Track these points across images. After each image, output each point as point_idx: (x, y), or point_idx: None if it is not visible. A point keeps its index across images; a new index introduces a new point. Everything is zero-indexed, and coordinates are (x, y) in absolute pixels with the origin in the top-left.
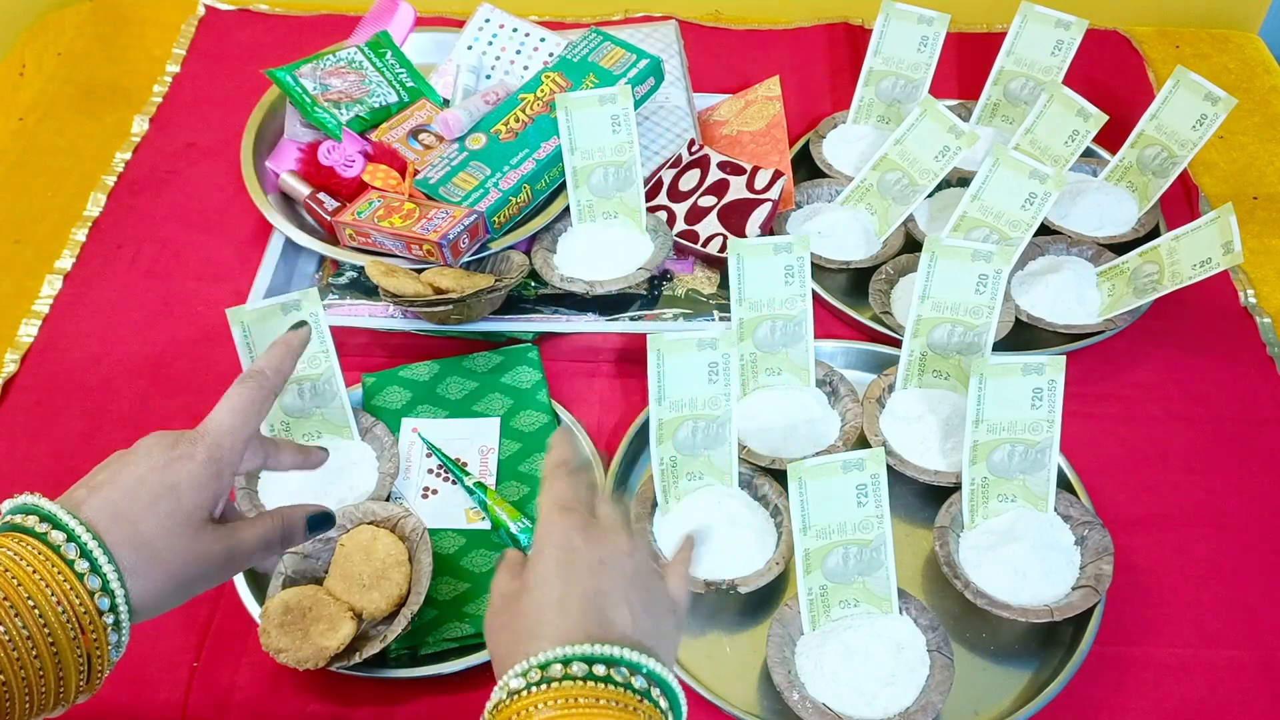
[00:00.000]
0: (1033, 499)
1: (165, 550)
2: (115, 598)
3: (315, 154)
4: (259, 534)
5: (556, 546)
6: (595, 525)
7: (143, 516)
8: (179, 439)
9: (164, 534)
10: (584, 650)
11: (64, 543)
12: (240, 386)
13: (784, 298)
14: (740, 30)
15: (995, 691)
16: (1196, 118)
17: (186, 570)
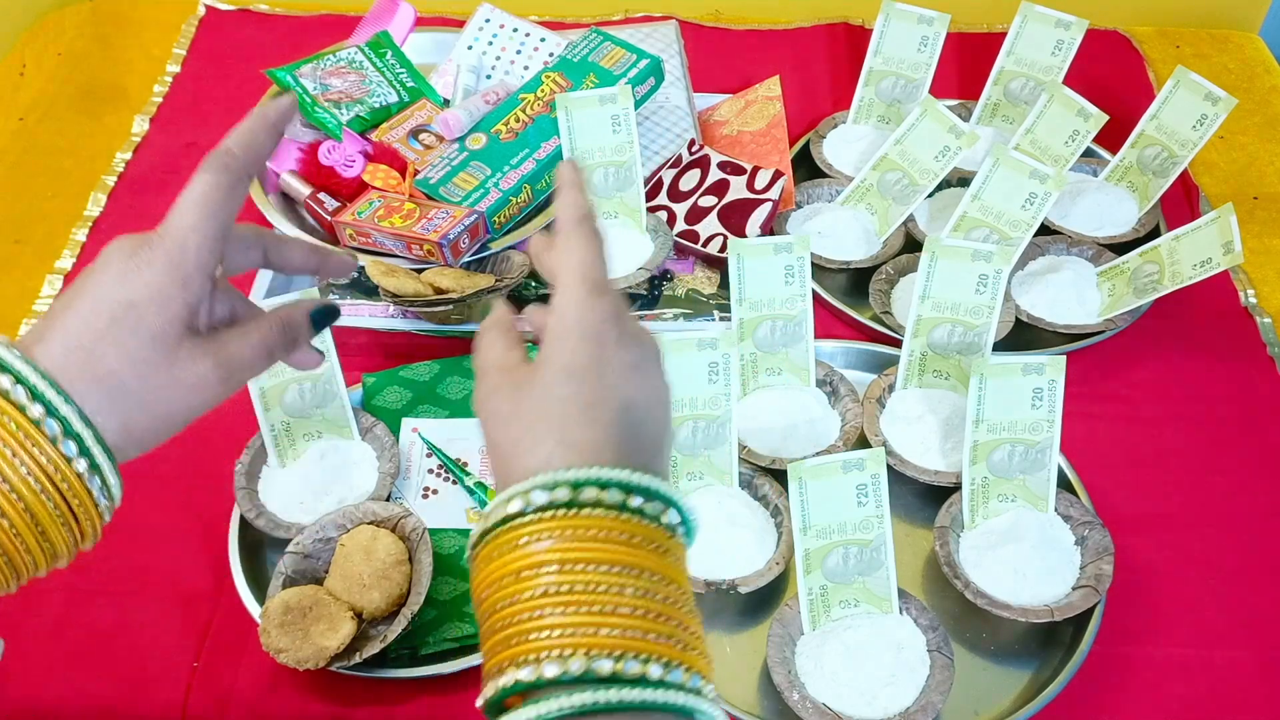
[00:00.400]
0: (1033, 499)
1: (135, 380)
2: (83, 440)
3: (315, 154)
4: (255, 341)
5: (586, 336)
6: (627, 318)
7: (100, 344)
8: (138, 244)
9: (130, 362)
10: (619, 476)
11: (11, 386)
12: (204, 173)
13: (784, 298)
14: (740, 30)
15: (995, 691)
16: (1197, 118)
17: (169, 397)
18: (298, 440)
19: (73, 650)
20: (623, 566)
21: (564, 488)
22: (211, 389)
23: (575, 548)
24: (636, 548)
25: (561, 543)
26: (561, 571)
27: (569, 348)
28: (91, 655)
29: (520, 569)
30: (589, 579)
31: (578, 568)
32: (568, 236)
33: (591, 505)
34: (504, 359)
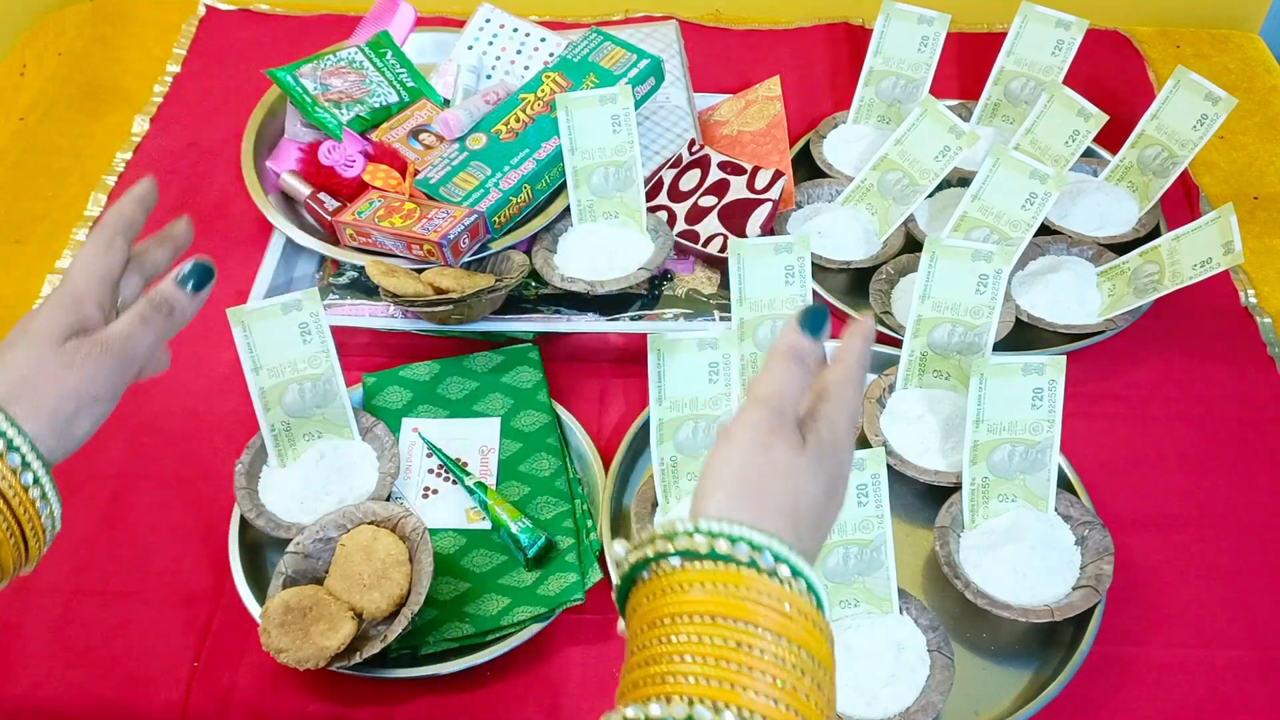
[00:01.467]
0: (1033, 499)
1: (38, 375)
2: (25, 455)
3: (316, 154)
4: (129, 314)
5: (851, 430)
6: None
7: (12, 361)
8: (48, 299)
9: (31, 363)
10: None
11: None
12: (87, 243)
13: (784, 298)
14: (741, 30)
15: (995, 691)
16: (1197, 118)
17: (67, 378)
18: (298, 440)
19: (73, 650)
20: (799, 645)
21: (793, 554)
22: (99, 362)
23: (735, 604)
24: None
25: (727, 595)
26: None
27: (843, 438)
28: (91, 655)
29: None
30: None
31: (739, 624)
32: (846, 354)
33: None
34: (781, 404)
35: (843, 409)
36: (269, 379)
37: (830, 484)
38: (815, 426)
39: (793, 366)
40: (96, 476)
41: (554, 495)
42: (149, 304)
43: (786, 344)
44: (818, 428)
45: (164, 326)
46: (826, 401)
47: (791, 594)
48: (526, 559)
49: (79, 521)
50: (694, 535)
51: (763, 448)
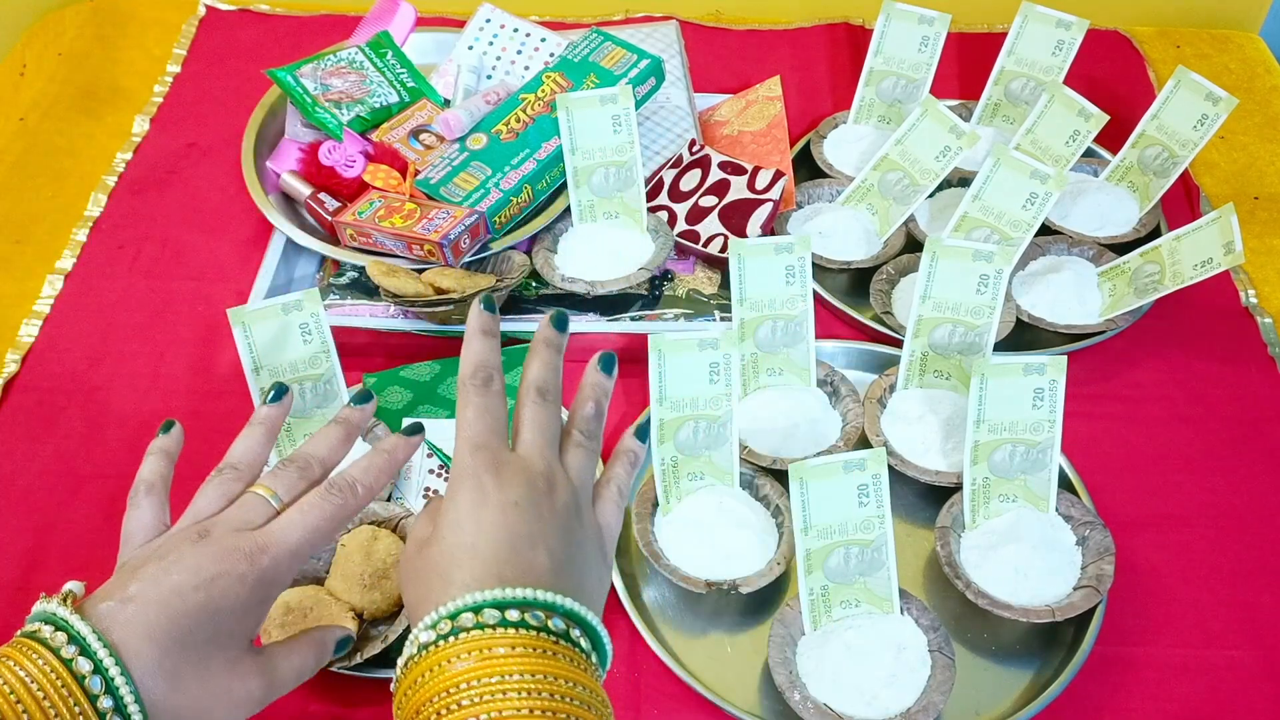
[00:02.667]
0: (1034, 499)
1: (195, 684)
2: None
3: (316, 154)
4: (296, 665)
5: (467, 490)
6: (510, 463)
7: (176, 642)
8: (231, 550)
9: (198, 665)
10: (494, 595)
11: (89, 673)
12: (320, 498)
13: (785, 298)
14: (741, 30)
15: (997, 692)
16: (1197, 118)
17: (215, 706)
18: (298, 441)
19: None
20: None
21: (444, 621)
22: (253, 705)
23: (466, 671)
24: (519, 658)
25: (459, 667)
26: (457, 693)
27: (455, 501)
28: None
29: (446, 686)
30: (484, 691)
31: (474, 683)
32: (460, 407)
33: (469, 630)
34: (421, 534)
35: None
36: (269, 379)
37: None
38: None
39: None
40: (96, 476)
41: None
42: (315, 661)
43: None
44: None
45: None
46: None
47: (528, 636)
48: None
49: (79, 521)
50: (437, 625)
51: (480, 502)
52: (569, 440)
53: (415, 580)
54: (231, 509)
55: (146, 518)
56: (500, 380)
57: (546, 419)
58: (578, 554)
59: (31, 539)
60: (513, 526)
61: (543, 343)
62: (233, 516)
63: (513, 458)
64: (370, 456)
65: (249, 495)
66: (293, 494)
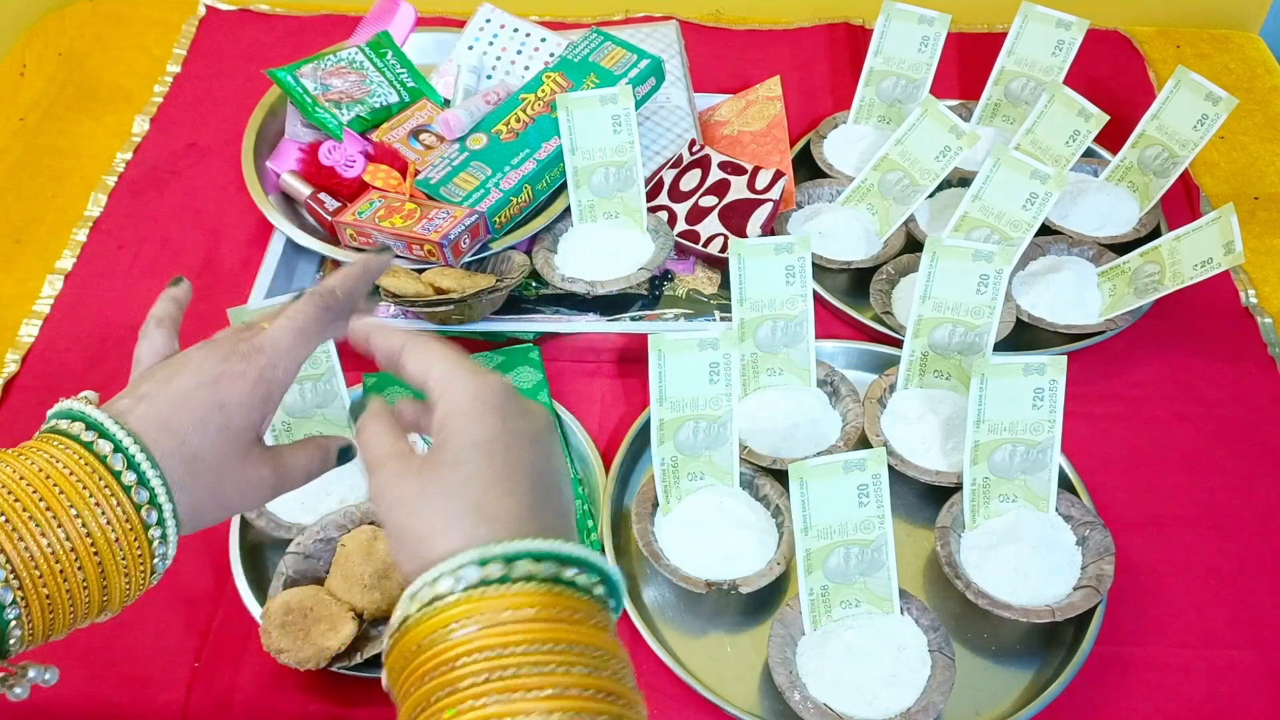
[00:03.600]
0: (1034, 499)
1: (212, 468)
2: (163, 511)
3: (316, 154)
4: (302, 461)
5: (487, 411)
6: (515, 390)
7: (191, 431)
8: (230, 353)
9: (212, 452)
10: (553, 547)
11: (110, 453)
12: (305, 303)
13: (785, 298)
14: (741, 30)
15: (996, 692)
16: (1197, 118)
17: (232, 490)
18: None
19: (73, 650)
20: (567, 645)
21: (497, 562)
22: (264, 492)
23: (513, 629)
24: (577, 624)
25: (495, 624)
26: (502, 655)
27: (471, 424)
28: (91, 655)
29: (456, 657)
30: (533, 660)
31: (519, 650)
32: (415, 343)
33: (525, 579)
34: (396, 447)
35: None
36: None
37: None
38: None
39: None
40: None
41: None
42: (320, 462)
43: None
44: (439, 438)
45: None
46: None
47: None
48: None
49: None
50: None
51: (400, 503)
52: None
53: (426, 499)
54: (238, 329)
55: (157, 345)
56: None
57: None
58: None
59: None
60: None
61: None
62: (232, 330)
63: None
64: (346, 266)
65: (254, 324)
66: None
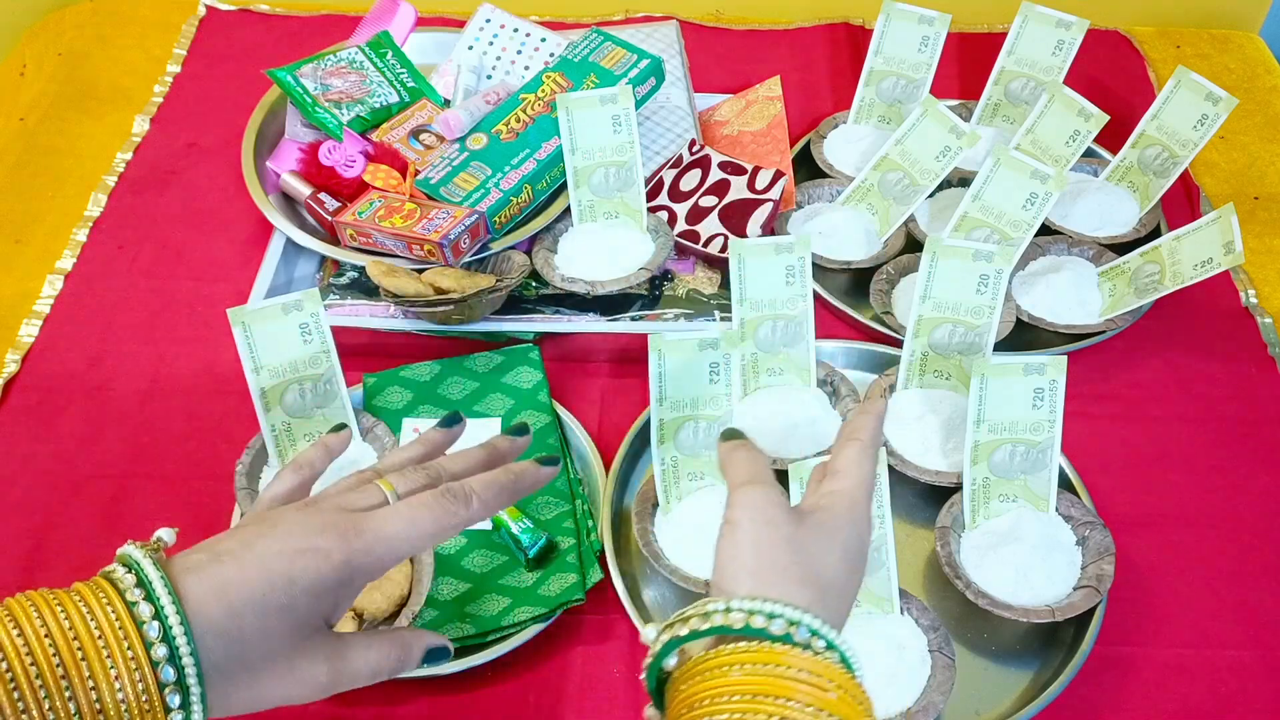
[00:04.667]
0: (1034, 499)
1: (257, 651)
2: (189, 694)
3: (316, 154)
4: (372, 660)
5: (859, 520)
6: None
7: (248, 605)
8: (327, 526)
9: (264, 634)
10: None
11: (149, 619)
12: (434, 498)
13: (785, 298)
14: (741, 30)
15: (997, 692)
16: (1197, 118)
17: (275, 683)
18: (299, 441)
19: None
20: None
21: (824, 631)
22: (317, 689)
23: (775, 682)
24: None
25: (766, 674)
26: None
27: (851, 516)
28: None
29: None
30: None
31: (780, 702)
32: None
33: (824, 651)
34: (763, 474)
35: (859, 483)
36: (269, 379)
37: (847, 555)
38: (823, 501)
39: (750, 451)
40: (96, 476)
41: (555, 495)
42: (396, 663)
43: (728, 448)
44: (827, 503)
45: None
46: (838, 477)
47: (828, 666)
48: (527, 559)
49: (79, 522)
50: (730, 612)
51: (770, 524)
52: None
53: (783, 551)
54: (349, 492)
55: (280, 488)
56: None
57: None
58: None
59: (31, 539)
60: (858, 575)
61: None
62: (344, 497)
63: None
64: (496, 473)
65: (369, 485)
66: (411, 492)
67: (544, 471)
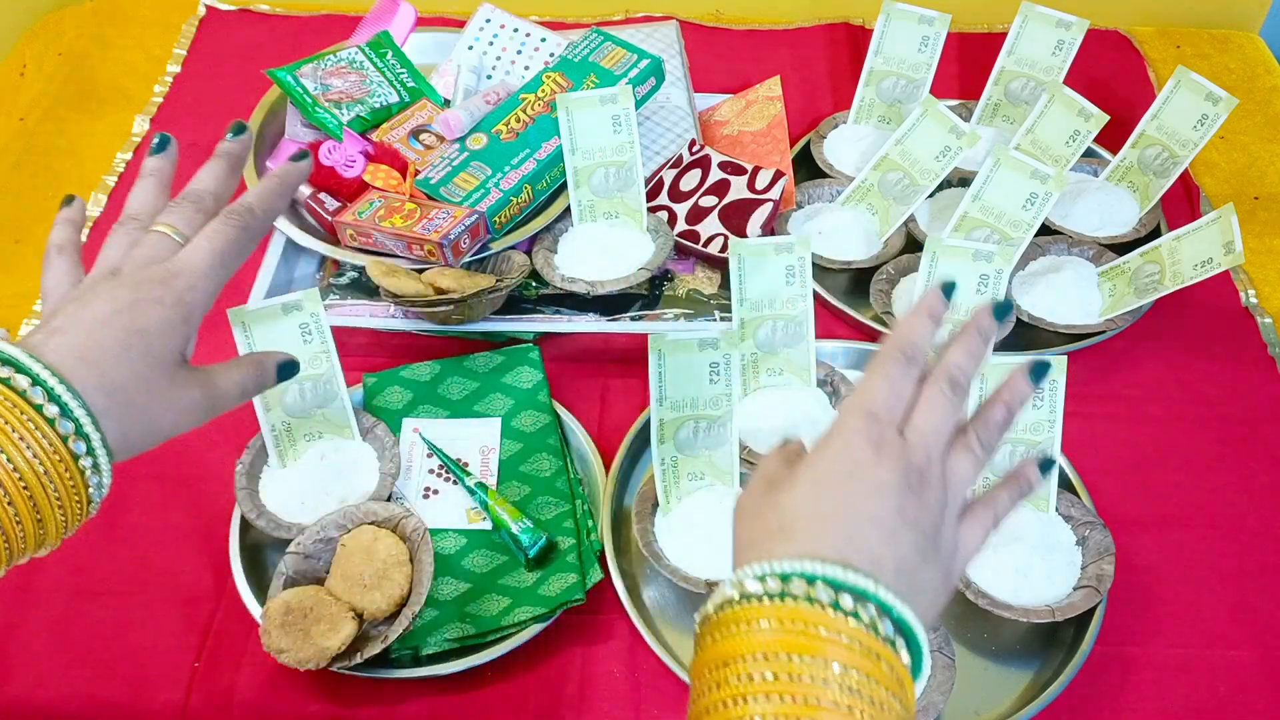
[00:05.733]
0: (1034, 499)
1: (138, 395)
2: (91, 441)
3: (316, 154)
4: (236, 380)
5: (839, 452)
6: (892, 444)
7: (111, 361)
8: (144, 279)
9: (135, 379)
10: (833, 573)
11: (29, 387)
12: (222, 223)
13: (785, 298)
14: (741, 30)
15: (997, 692)
16: (1197, 118)
17: (162, 414)
18: (298, 440)
19: (73, 650)
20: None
21: (773, 578)
22: (197, 412)
23: (782, 640)
24: (842, 647)
25: (773, 633)
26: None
27: (825, 458)
28: (92, 655)
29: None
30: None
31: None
32: (869, 369)
33: (797, 597)
34: (773, 472)
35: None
36: None
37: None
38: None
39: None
40: None
41: (555, 495)
42: (255, 378)
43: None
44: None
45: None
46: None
47: (859, 630)
48: (527, 559)
49: None
50: (765, 579)
51: (851, 472)
52: (963, 439)
53: (754, 518)
54: (137, 249)
55: (61, 274)
56: (922, 367)
57: (946, 413)
58: (924, 564)
59: None
60: (873, 511)
61: (976, 330)
62: (140, 254)
63: (897, 440)
64: (263, 180)
65: (151, 234)
66: (193, 227)
67: (301, 165)
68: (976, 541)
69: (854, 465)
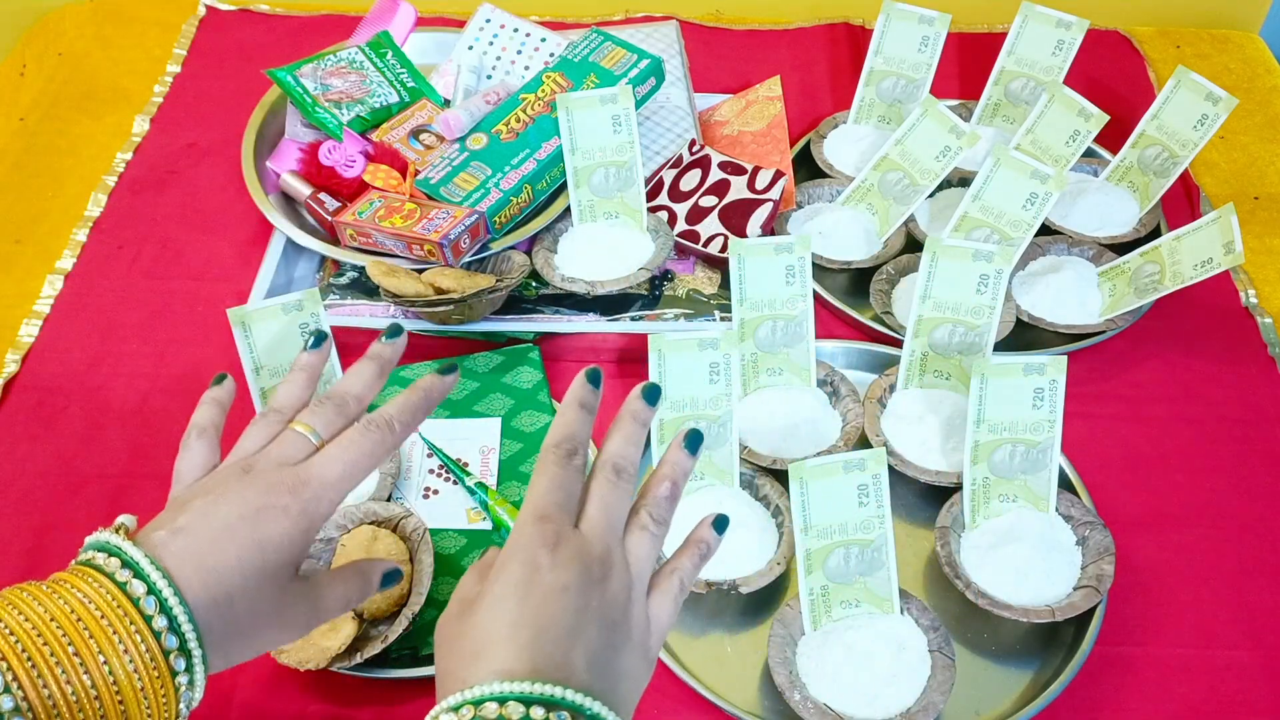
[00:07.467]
0: (1034, 499)
1: (247, 610)
2: (191, 658)
3: (316, 154)
4: (340, 595)
5: (520, 562)
6: (569, 542)
7: (227, 571)
8: (274, 484)
9: (247, 593)
10: (522, 689)
11: (144, 595)
12: (359, 434)
13: (785, 298)
14: (741, 30)
15: (997, 692)
16: (1197, 118)
17: (265, 630)
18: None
19: None
20: None
21: (467, 706)
22: (299, 628)
23: None
24: None
25: None
26: None
27: (506, 572)
28: None
29: None
30: None
31: None
32: (536, 468)
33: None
34: (468, 593)
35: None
36: (269, 379)
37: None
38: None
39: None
40: (96, 476)
41: None
42: (360, 591)
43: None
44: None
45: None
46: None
47: None
48: None
49: (79, 521)
50: (460, 709)
51: (531, 579)
52: (635, 520)
53: (450, 647)
54: (273, 446)
55: (197, 458)
56: (584, 457)
57: (617, 499)
58: (618, 652)
59: (31, 539)
60: (556, 614)
61: (630, 416)
62: (275, 453)
63: (573, 536)
64: (406, 394)
65: (289, 433)
66: (331, 430)
67: (447, 380)
68: (669, 612)
69: (534, 571)
